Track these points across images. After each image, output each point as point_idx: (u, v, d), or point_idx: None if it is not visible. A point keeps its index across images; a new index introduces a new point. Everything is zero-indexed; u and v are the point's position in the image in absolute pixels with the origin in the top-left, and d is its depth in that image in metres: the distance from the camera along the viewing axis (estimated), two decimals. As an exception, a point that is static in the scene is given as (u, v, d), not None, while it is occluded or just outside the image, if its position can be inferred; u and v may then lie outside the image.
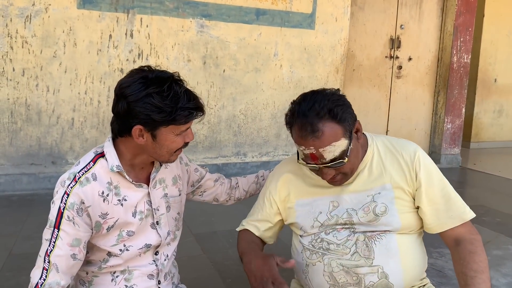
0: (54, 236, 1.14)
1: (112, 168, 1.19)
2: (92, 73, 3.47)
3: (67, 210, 1.14)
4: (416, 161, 1.30)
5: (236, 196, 1.60)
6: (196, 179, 1.50)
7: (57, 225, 1.14)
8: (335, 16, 4.19)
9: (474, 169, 4.97)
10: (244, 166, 4.05)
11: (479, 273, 1.20)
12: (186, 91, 1.17)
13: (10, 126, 3.31)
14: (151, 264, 1.31)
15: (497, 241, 2.69)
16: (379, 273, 1.24)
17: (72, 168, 1.20)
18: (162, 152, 1.21)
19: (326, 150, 1.20)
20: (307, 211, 1.35)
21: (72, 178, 1.16)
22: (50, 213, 1.16)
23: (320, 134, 1.18)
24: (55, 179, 3.39)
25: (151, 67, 1.19)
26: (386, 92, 4.90)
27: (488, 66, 6.24)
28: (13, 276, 2.02)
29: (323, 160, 1.21)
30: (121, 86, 1.16)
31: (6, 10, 3.20)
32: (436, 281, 2.07)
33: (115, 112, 1.19)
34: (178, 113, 1.13)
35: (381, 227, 1.27)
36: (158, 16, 3.60)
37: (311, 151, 1.21)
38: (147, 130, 1.15)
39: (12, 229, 2.59)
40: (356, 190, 1.32)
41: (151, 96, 1.11)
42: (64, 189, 1.15)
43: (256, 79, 4.00)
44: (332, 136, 1.19)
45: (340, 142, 1.20)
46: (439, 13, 4.95)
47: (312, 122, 1.19)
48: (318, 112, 1.19)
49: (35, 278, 1.15)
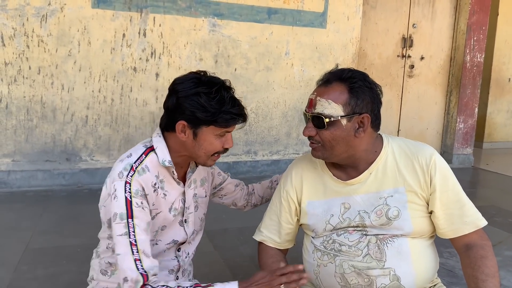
0: (131, 226, 1.15)
1: (163, 162, 1.24)
2: (105, 71, 3.52)
3: (134, 197, 1.17)
4: (432, 165, 1.28)
5: (252, 202, 1.65)
6: (219, 182, 1.55)
7: (130, 215, 1.16)
8: (347, 15, 4.19)
9: (486, 169, 4.92)
10: (254, 164, 4.07)
11: (490, 277, 1.20)
12: (232, 97, 1.24)
13: (26, 124, 3.38)
14: (173, 260, 1.36)
15: (509, 242, 2.67)
16: (390, 275, 1.25)
17: (123, 160, 1.23)
18: (200, 153, 1.26)
19: (320, 101, 1.25)
20: (319, 214, 1.34)
21: (129, 169, 1.20)
22: (116, 208, 1.16)
23: (328, 85, 1.27)
24: (69, 176, 3.48)
25: (206, 72, 1.27)
26: (398, 91, 4.88)
27: (502, 65, 6.17)
28: (29, 270, 2.07)
29: (313, 110, 1.27)
30: (175, 82, 1.25)
31: (22, 10, 3.26)
32: (447, 280, 2.06)
33: (165, 107, 1.26)
34: (220, 115, 1.20)
35: (393, 231, 1.27)
36: (171, 15, 3.63)
37: (313, 96, 1.29)
38: (190, 127, 1.22)
39: (28, 224, 2.65)
40: (368, 191, 1.31)
41: (199, 95, 1.19)
42: (124, 180, 1.18)
43: (267, 78, 4.02)
44: (335, 95, 1.25)
45: (336, 107, 1.24)
46: (452, 11, 4.91)
47: (333, 75, 1.28)
48: (344, 74, 1.27)
49: (133, 274, 1.12)
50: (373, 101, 1.27)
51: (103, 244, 1.33)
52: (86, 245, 2.31)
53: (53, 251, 2.29)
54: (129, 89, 3.60)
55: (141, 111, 3.65)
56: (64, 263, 2.15)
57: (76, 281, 1.95)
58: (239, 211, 1.71)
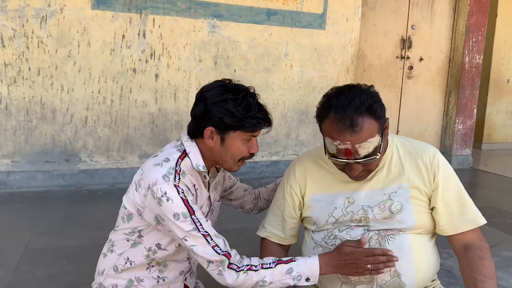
0: (197, 221, 1.21)
1: (198, 167, 1.29)
2: (105, 72, 3.52)
3: (187, 196, 1.23)
4: (436, 163, 1.32)
5: (259, 206, 1.69)
6: (229, 186, 1.60)
7: (192, 212, 1.21)
8: (346, 17, 4.20)
9: (485, 170, 4.93)
10: (254, 165, 4.08)
11: (488, 278, 1.22)
12: (258, 103, 1.29)
13: (26, 124, 3.39)
14: (185, 261, 1.41)
15: (507, 242, 2.67)
16: (391, 271, 1.26)
17: (161, 164, 1.25)
18: (227, 158, 1.31)
19: (362, 146, 1.19)
20: (322, 206, 1.36)
21: (173, 173, 1.24)
22: (174, 208, 1.19)
23: (359, 129, 1.17)
24: (69, 177, 3.48)
25: (231, 80, 1.32)
26: (397, 92, 4.89)
27: (501, 66, 6.18)
28: (29, 270, 2.07)
29: (357, 156, 1.20)
30: (203, 90, 1.30)
31: (22, 11, 3.27)
32: (445, 281, 2.07)
33: (193, 114, 1.31)
34: (247, 120, 1.25)
35: (396, 225, 1.28)
36: (170, 17, 3.64)
37: (346, 146, 1.19)
38: (218, 132, 1.27)
39: (27, 225, 2.65)
40: (373, 187, 1.33)
41: (226, 101, 1.24)
42: (172, 183, 1.22)
43: (266, 79, 4.03)
44: (370, 132, 1.19)
45: (375, 139, 1.21)
46: (451, 13, 4.92)
47: (352, 117, 1.17)
48: (358, 107, 1.18)
49: (216, 257, 1.20)
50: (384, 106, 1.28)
51: (119, 238, 1.35)
52: (86, 246, 2.33)
53: (52, 251, 2.29)
54: (128, 90, 3.60)
55: (140, 112, 3.66)
56: (63, 264, 2.15)
57: (75, 281, 1.96)
58: (239, 213, 1.73)
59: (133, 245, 1.32)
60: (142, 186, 1.25)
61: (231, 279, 1.21)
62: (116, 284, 1.34)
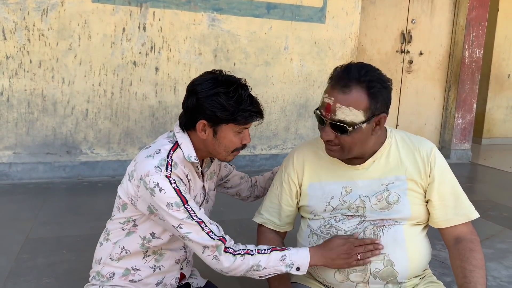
0: (190, 210, 1.23)
1: (189, 158, 1.30)
2: (105, 65, 3.55)
3: (179, 186, 1.24)
4: (432, 157, 1.35)
5: (255, 194, 1.70)
6: (225, 174, 1.61)
7: (184, 201, 1.23)
8: (346, 10, 4.20)
9: (484, 165, 4.95)
10: (253, 158, 4.11)
11: (477, 268, 1.25)
12: (250, 95, 1.30)
13: (27, 117, 3.42)
14: (181, 250, 1.43)
15: (502, 235, 2.70)
16: (385, 260, 1.29)
17: (153, 156, 1.26)
18: (220, 150, 1.32)
19: (341, 109, 1.22)
20: (319, 195, 1.38)
21: (165, 164, 1.25)
22: (167, 198, 1.21)
23: (347, 91, 1.22)
24: (70, 168, 3.52)
25: (222, 71, 1.32)
26: (396, 86, 4.90)
27: (502, 61, 6.17)
28: (29, 258, 2.11)
29: (333, 116, 1.24)
30: (194, 83, 1.30)
31: (23, 4, 3.29)
32: (439, 271, 2.10)
33: (184, 107, 1.32)
34: (239, 113, 1.26)
35: (392, 215, 1.31)
36: (170, 10, 3.66)
37: (330, 102, 1.24)
38: (210, 125, 1.28)
39: (29, 215, 2.69)
40: (371, 177, 1.35)
41: (218, 95, 1.25)
42: (164, 174, 1.23)
43: (266, 72, 4.04)
44: (356, 102, 1.22)
45: (357, 113, 1.22)
46: (451, 7, 4.92)
47: (350, 79, 1.22)
48: (360, 77, 1.22)
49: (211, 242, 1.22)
50: (389, 99, 1.29)
51: (114, 227, 1.37)
52: (86, 236, 2.37)
53: (53, 241, 2.33)
54: (129, 83, 3.63)
55: (140, 104, 3.69)
56: (63, 253, 2.19)
57: (75, 269, 2.00)
58: (236, 204, 1.75)
59: (127, 234, 1.35)
60: (135, 177, 1.27)
61: (228, 262, 1.22)
62: (113, 273, 1.36)
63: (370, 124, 1.26)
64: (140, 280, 1.37)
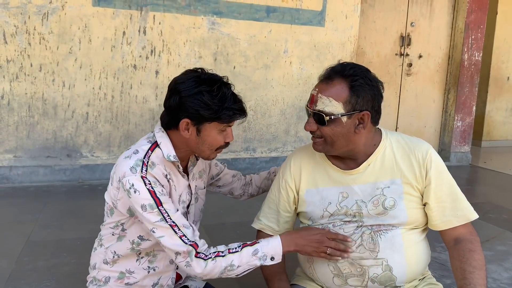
0: (164, 212, 1.21)
1: (168, 157, 1.28)
2: (106, 69, 3.56)
3: (155, 187, 1.22)
4: (428, 159, 1.33)
5: (249, 192, 1.68)
6: (216, 173, 1.60)
7: (159, 203, 1.21)
8: (345, 14, 4.22)
9: (484, 167, 4.95)
10: (253, 161, 4.12)
11: (477, 269, 1.25)
12: (233, 93, 1.29)
13: (28, 120, 3.43)
14: None
15: (502, 237, 2.71)
16: (383, 265, 1.29)
17: (131, 157, 1.26)
18: (204, 148, 1.31)
19: (322, 99, 1.27)
20: (317, 201, 1.38)
21: (141, 164, 1.24)
22: (141, 200, 1.20)
23: (329, 82, 1.28)
24: (70, 172, 3.53)
25: (204, 70, 1.30)
26: (396, 89, 4.91)
27: (501, 64, 6.19)
28: (30, 261, 2.12)
29: (314, 106, 1.29)
30: (176, 82, 1.28)
31: (24, 8, 3.31)
32: (439, 274, 2.11)
33: (166, 105, 1.30)
34: (223, 112, 1.25)
35: (389, 221, 1.30)
36: (171, 14, 3.68)
37: (314, 92, 1.31)
38: (193, 124, 1.26)
39: (29, 218, 2.70)
40: (366, 181, 1.34)
41: (201, 93, 1.23)
42: (140, 175, 1.22)
43: (265, 75, 4.06)
44: (336, 93, 1.26)
45: (336, 104, 1.26)
46: (450, 10, 4.94)
47: (335, 71, 1.28)
48: (346, 70, 1.27)
49: (183, 248, 1.20)
50: (374, 98, 1.29)
51: (106, 232, 1.37)
52: (86, 238, 2.36)
53: (53, 243, 2.34)
54: (129, 86, 3.64)
55: (141, 108, 3.70)
56: (64, 255, 2.20)
57: (76, 272, 2.00)
58: (236, 207, 1.75)
59: (118, 239, 1.34)
60: (115, 179, 1.27)
61: (200, 268, 1.21)
62: (108, 277, 1.37)
63: (351, 120, 1.27)
64: (136, 283, 1.37)
